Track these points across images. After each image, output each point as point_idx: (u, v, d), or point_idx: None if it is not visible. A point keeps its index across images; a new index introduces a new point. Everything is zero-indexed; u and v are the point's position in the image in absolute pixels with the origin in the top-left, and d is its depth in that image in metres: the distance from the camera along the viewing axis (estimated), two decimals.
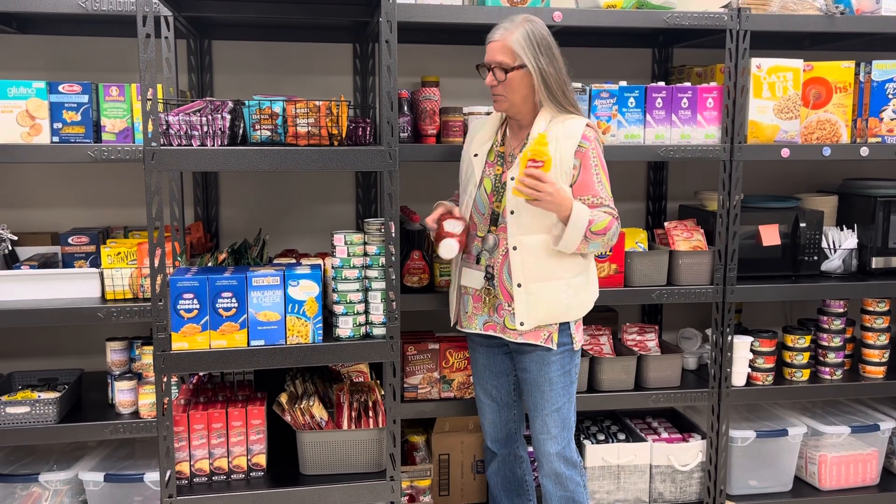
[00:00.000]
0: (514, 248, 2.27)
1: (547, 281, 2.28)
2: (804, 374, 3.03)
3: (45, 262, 2.71)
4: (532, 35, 2.20)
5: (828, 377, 3.05)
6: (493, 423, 2.55)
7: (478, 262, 2.37)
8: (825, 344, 3.05)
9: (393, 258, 2.35)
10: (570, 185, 2.24)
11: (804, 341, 3.01)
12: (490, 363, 2.50)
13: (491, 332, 2.39)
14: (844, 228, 3.08)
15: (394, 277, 2.36)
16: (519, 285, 2.28)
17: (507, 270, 2.30)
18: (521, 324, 2.30)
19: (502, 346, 2.45)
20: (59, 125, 2.50)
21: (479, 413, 2.58)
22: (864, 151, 2.87)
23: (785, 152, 2.81)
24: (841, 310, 3.05)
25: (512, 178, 2.25)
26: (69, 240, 2.66)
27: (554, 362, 2.34)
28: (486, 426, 2.57)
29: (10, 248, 2.72)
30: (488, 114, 2.71)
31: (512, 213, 2.27)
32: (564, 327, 2.33)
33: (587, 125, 2.26)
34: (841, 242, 3.04)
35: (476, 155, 2.39)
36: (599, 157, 2.27)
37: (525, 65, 2.20)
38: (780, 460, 3.04)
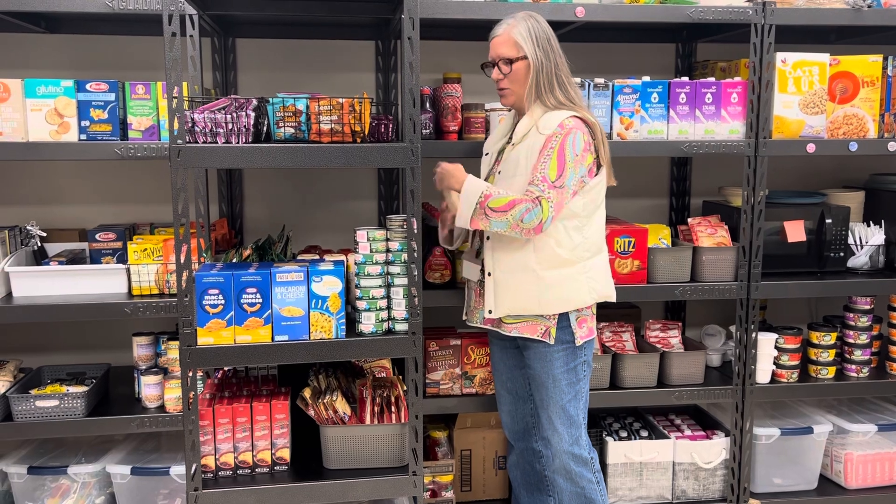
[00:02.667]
0: (488, 239, 2.35)
1: (514, 272, 2.31)
2: (830, 372, 3.00)
3: (73, 259, 2.75)
4: (532, 29, 2.28)
5: (854, 375, 3.02)
6: (510, 414, 2.59)
7: (477, 255, 2.43)
8: (851, 341, 3.02)
9: (415, 254, 2.36)
10: None
11: (830, 338, 2.98)
12: (504, 356, 2.54)
13: (489, 327, 2.43)
14: (871, 224, 3.04)
15: (416, 273, 2.37)
16: (489, 274, 2.35)
17: None
18: (489, 312, 2.35)
19: (511, 340, 2.45)
20: (87, 123, 2.53)
21: (498, 405, 2.62)
22: (892, 146, 2.83)
23: (810, 147, 2.78)
24: (868, 306, 3.01)
25: (500, 172, 2.37)
26: (96, 236, 2.70)
27: (556, 359, 2.34)
28: (504, 418, 2.61)
29: (39, 244, 2.77)
30: (510, 110, 2.71)
31: None
32: (564, 323, 2.32)
33: (571, 117, 2.25)
34: (868, 238, 3.00)
35: (487, 154, 2.49)
36: (563, 144, 2.21)
37: (527, 56, 2.26)
38: (805, 458, 3.02)
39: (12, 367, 2.72)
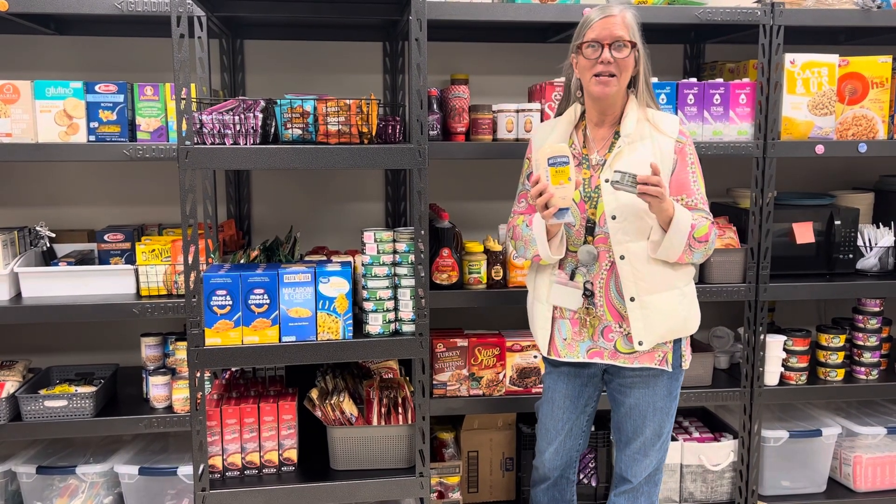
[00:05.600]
0: (622, 258, 2.06)
1: (662, 291, 2.08)
2: (839, 374, 2.98)
3: (82, 259, 2.76)
4: (638, 19, 2.09)
5: (863, 377, 3.00)
6: (557, 451, 2.30)
7: (572, 278, 2.14)
8: (861, 343, 3.00)
9: (422, 255, 2.36)
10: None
11: (839, 340, 2.97)
12: (573, 394, 2.25)
13: (597, 360, 2.15)
14: (881, 226, 3.02)
15: (423, 275, 2.37)
16: (632, 299, 2.06)
17: (613, 285, 2.09)
18: (640, 343, 2.08)
19: (596, 374, 2.23)
20: (96, 124, 2.54)
21: (541, 438, 2.34)
22: None
23: (819, 149, 2.77)
24: (877, 309, 3.00)
25: (606, 181, 2.05)
26: (105, 237, 2.71)
27: (661, 387, 2.14)
28: (547, 453, 2.32)
29: (48, 245, 2.78)
30: (517, 111, 2.71)
31: (614, 218, 2.05)
32: (677, 345, 2.14)
33: (680, 122, 2.15)
34: (877, 240, 2.99)
35: None
36: (695, 155, 2.14)
37: (636, 44, 2.06)
38: (813, 461, 3.00)
39: (21, 367, 2.73)
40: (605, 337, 2.14)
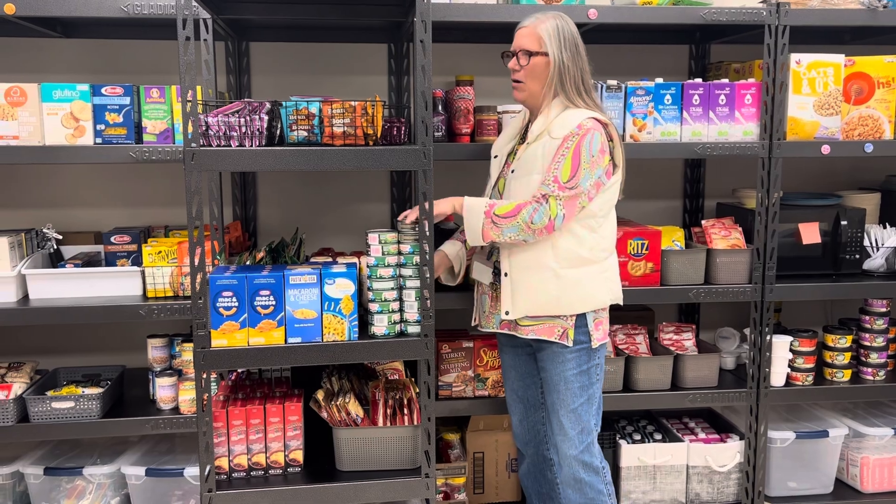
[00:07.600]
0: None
1: (532, 270, 2.28)
2: (845, 375, 2.97)
3: (89, 261, 2.77)
4: (561, 29, 2.25)
5: (870, 378, 2.99)
6: (521, 422, 2.56)
7: (489, 256, 2.42)
8: (867, 344, 2.99)
9: (427, 256, 2.36)
10: None
11: (845, 341, 2.96)
12: (516, 363, 2.51)
13: (506, 331, 2.39)
14: (888, 226, 3.01)
15: (428, 276, 2.37)
16: (506, 274, 2.32)
17: None
18: (507, 313, 2.32)
19: (525, 345, 2.44)
20: (102, 127, 2.55)
21: (510, 412, 2.60)
22: None
23: (825, 149, 2.76)
24: (884, 309, 2.99)
25: (513, 171, 2.34)
26: (111, 239, 2.72)
27: (569, 360, 2.31)
28: (515, 426, 2.58)
29: (55, 247, 2.79)
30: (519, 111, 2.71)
31: None
32: (581, 324, 2.30)
33: (590, 118, 2.23)
34: (884, 240, 2.98)
35: (496, 156, 2.46)
36: (579, 145, 2.18)
37: (548, 53, 2.24)
38: (820, 462, 2.99)
39: (28, 368, 2.74)
40: None
